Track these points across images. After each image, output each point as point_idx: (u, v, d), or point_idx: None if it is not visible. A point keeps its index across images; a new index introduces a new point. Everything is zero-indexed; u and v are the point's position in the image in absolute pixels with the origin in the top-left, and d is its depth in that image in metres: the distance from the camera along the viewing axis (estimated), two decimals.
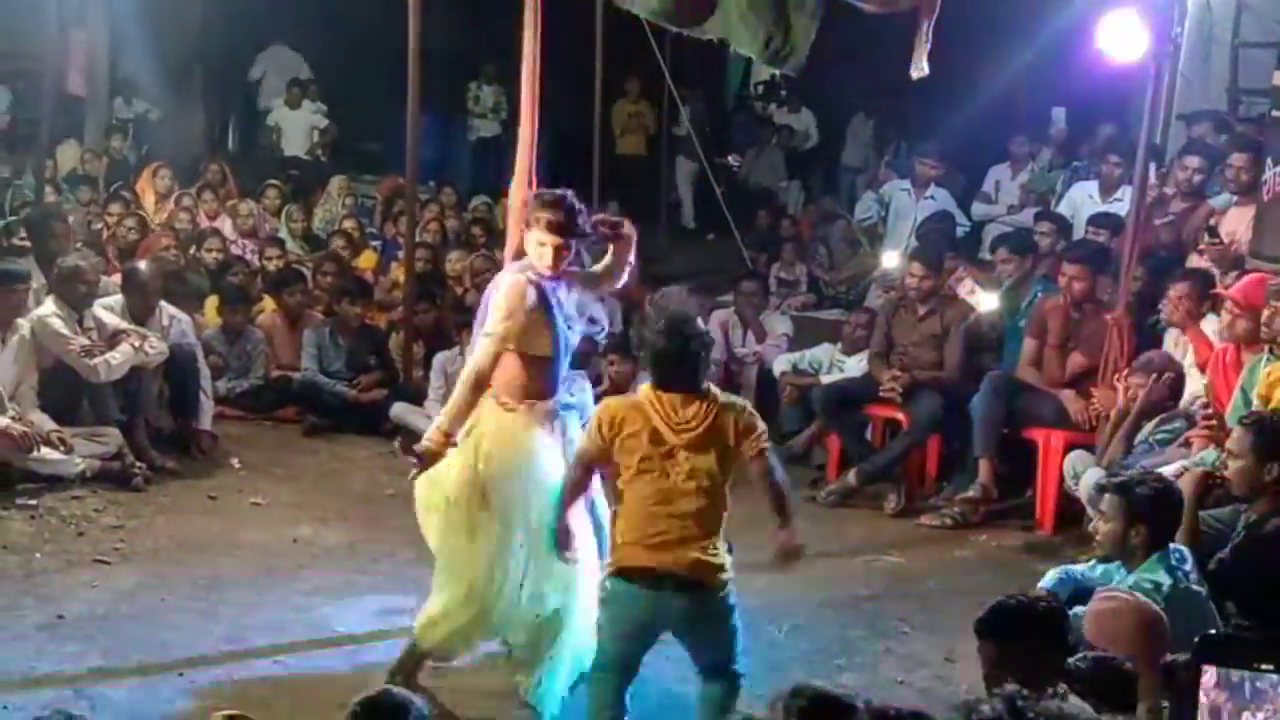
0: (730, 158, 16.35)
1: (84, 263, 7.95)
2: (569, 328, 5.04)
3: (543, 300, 4.94)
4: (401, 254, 10.06)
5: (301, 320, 9.56)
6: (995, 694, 2.45)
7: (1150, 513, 4.93)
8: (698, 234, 15.08)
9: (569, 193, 5.04)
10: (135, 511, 7.19)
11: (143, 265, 8.64)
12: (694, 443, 4.50)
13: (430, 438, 4.88)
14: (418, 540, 6.80)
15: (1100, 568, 5.20)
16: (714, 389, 4.64)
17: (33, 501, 7.07)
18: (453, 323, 9.33)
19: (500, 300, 4.92)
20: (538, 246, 4.95)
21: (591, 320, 5.39)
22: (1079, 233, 9.30)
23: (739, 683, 4.60)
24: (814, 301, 12.13)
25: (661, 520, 4.46)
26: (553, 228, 4.91)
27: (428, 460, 4.86)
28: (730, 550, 4.57)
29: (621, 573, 4.53)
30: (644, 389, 4.63)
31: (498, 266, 6.62)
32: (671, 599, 4.47)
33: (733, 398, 4.74)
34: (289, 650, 5.56)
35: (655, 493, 4.49)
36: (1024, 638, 3.63)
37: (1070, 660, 3.82)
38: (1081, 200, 10.00)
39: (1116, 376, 7.15)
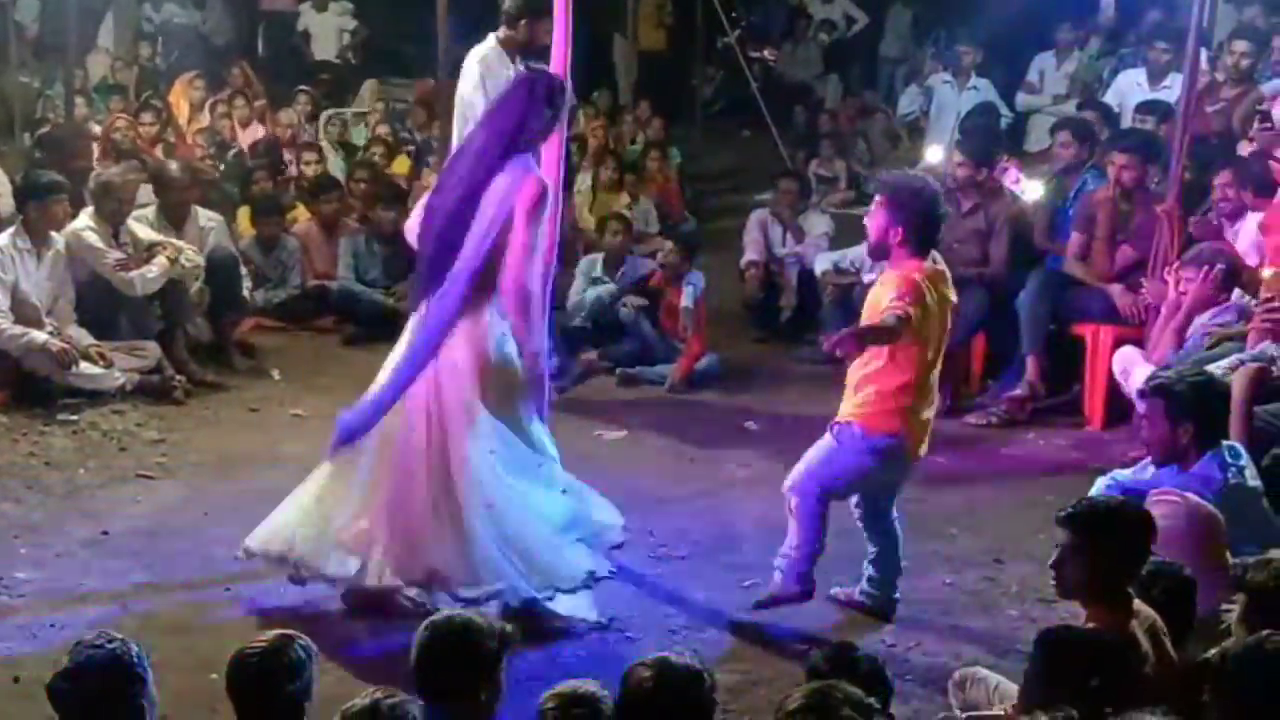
0: (766, 51, 16.07)
1: (117, 177, 7.88)
2: None
3: None
4: (434, 159, 9.92)
5: (338, 228, 9.48)
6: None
7: (1194, 410, 4.85)
8: (733, 131, 14.87)
9: None
10: (176, 425, 7.19)
11: (171, 164, 8.56)
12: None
13: None
14: None
15: (1150, 469, 5.11)
16: None
17: (74, 417, 7.07)
18: None
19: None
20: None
21: None
22: (1126, 122, 9.10)
23: None
24: (854, 198, 11.97)
25: (930, 392, 4.98)
26: None
27: None
28: None
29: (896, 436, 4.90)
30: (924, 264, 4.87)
31: None
32: None
33: None
34: None
35: (930, 365, 4.90)
36: (1110, 538, 3.60)
37: None
38: (1129, 88, 9.78)
39: (1167, 269, 7.00)
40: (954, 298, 5.00)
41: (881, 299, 4.87)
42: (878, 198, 5.02)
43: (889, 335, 4.77)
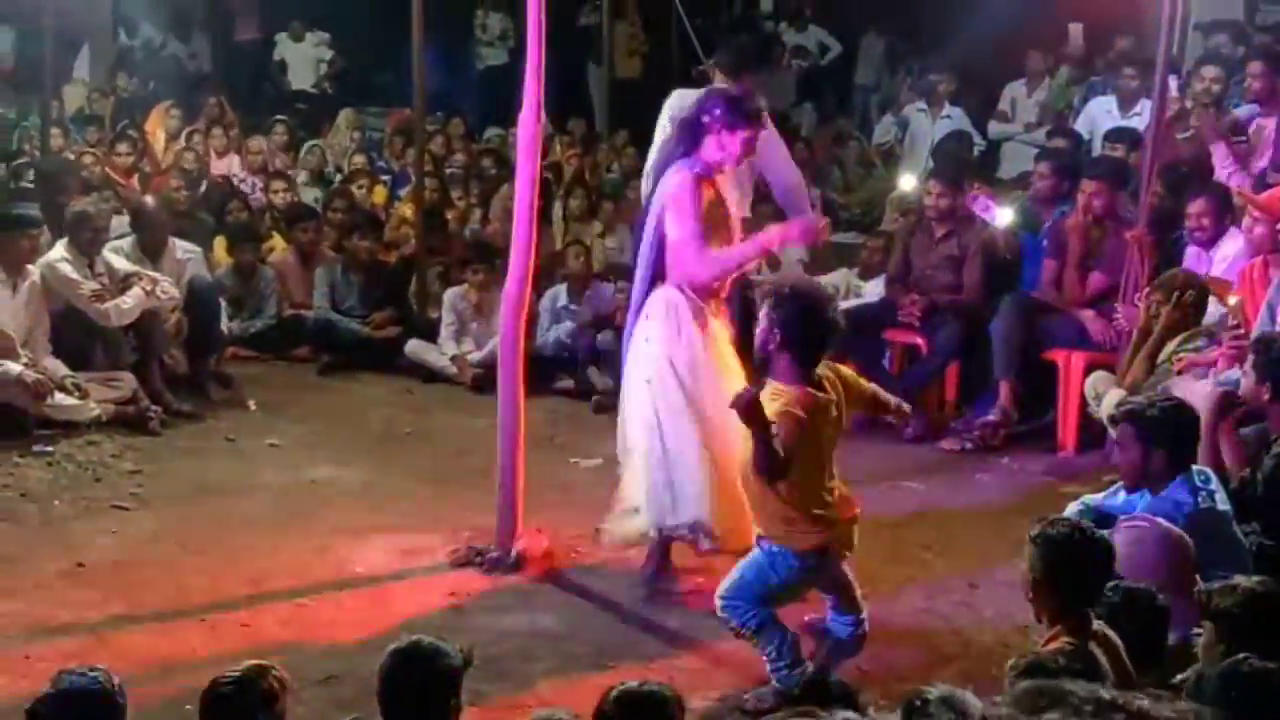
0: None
1: (92, 208, 7.89)
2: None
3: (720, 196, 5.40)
4: (403, 190, 9.96)
5: (314, 258, 9.49)
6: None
7: (1165, 435, 4.89)
8: None
9: None
10: (152, 456, 7.17)
11: (148, 200, 8.59)
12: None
13: None
14: (437, 477, 6.83)
15: (1122, 494, 5.15)
16: None
17: (49, 448, 7.05)
18: (458, 260, 9.34)
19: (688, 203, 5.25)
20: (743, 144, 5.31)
21: None
22: (1097, 149, 9.17)
23: None
24: (829, 226, 11.99)
25: (831, 493, 4.63)
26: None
27: None
28: None
29: (824, 550, 4.60)
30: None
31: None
32: None
33: None
34: (310, 592, 5.53)
35: (824, 470, 4.60)
36: (1067, 564, 3.71)
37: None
38: (1100, 115, 9.85)
39: (1138, 295, 7.06)
40: (833, 432, 4.63)
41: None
42: (767, 305, 4.63)
43: (768, 458, 4.38)
